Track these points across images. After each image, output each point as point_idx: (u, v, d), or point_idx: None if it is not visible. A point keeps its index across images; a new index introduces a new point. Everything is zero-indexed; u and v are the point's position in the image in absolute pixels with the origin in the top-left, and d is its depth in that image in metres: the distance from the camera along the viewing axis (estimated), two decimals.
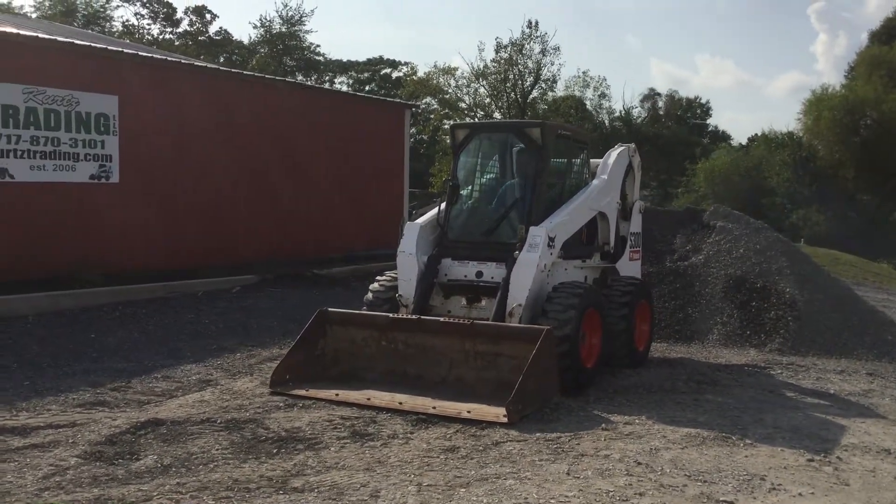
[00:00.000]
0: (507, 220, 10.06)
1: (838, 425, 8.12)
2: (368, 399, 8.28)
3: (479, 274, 9.67)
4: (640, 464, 6.60)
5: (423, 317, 9.13)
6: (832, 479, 6.45)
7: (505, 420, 7.58)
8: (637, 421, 7.91)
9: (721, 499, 5.90)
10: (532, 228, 9.44)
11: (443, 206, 10.30)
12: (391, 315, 9.21)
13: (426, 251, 9.97)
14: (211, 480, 6.05)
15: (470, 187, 10.68)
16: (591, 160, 11.39)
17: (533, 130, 10.20)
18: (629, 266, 11.39)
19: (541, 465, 6.53)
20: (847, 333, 12.37)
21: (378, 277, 10.37)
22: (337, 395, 8.43)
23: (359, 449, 6.92)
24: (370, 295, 10.08)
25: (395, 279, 9.98)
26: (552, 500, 5.78)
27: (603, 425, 7.72)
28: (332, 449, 6.89)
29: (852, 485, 6.37)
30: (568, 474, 6.32)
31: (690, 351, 12.01)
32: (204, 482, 6.01)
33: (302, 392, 8.55)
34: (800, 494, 6.08)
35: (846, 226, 43.97)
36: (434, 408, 7.98)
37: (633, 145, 11.91)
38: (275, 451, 6.80)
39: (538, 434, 7.35)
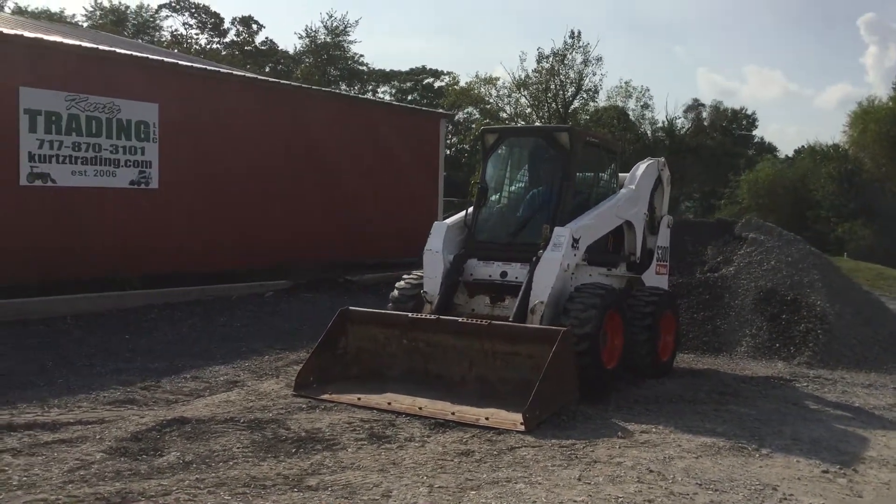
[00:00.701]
0: (534, 223, 10.18)
1: (858, 438, 8.07)
2: (389, 403, 8.42)
3: (504, 274, 9.80)
4: (652, 471, 6.64)
5: (441, 317, 9.26)
6: (845, 491, 6.44)
7: (522, 428, 7.66)
8: (654, 430, 7.94)
9: None
10: (557, 228, 9.57)
11: (471, 208, 10.48)
12: (410, 314, 9.34)
13: (452, 250, 10.14)
14: (229, 477, 6.22)
15: (498, 191, 10.83)
16: (620, 174, 11.47)
17: (561, 135, 10.35)
18: (655, 279, 11.42)
19: (553, 471, 6.60)
20: (877, 348, 12.26)
21: (405, 276, 10.54)
22: (359, 398, 8.58)
23: (375, 451, 7.05)
24: (396, 292, 10.26)
25: (422, 277, 10.15)
26: None
27: (619, 433, 7.76)
28: (350, 450, 7.03)
29: (865, 497, 6.35)
30: (579, 480, 6.39)
31: (717, 363, 11.97)
32: (222, 478, 6.18)
33: (325, 396, 8.72)
34: None
35: (892, 240, 43.22)
36: (453, 413, 8.09)
37: (662, 159, 11.99)
38: (293, 450, 6.96)
39: (553, 440, 7.42)
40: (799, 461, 7.13)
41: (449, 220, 10.53)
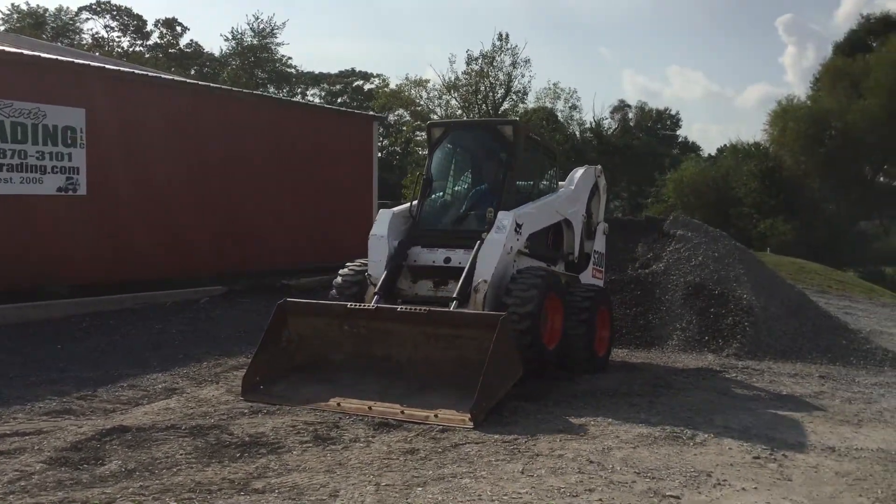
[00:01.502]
0: (478, 212, 10.37)
1: (787, 425, 8.41)
2: (339, 405, 8.46)
3: (448, 259, 9.97)
4: (592, 462, 6.83)
5: (380, 306, 9.33)
6: (776, 475, 6.72)
7: (471, 425, 7.78)
8: (592, 422, 8.15)
9: (667, 494, 6.14)
10: (500, 213, 9.80)
11: (416, 201, 10.62)
12: (348, 304, 9.38)
13: (397, 237, 10.28)
14: (174, 483, 6.19)
15: (444, 182, 11.01)
16: (560, 182, 11.77)
17: (506, 128, 10.66)
18: (591, 282, 11.72)
19: (497, 465, 6.73)
20: (801, 338, 12.74)
21: (348, 263, 10.59)
22: (307, 401, 8.60)
23: (320, 452, 7.08)
24: (339, 279, 10.32)
25: (364, 265, 10.25)
26: (505, 497, 5.98)
27: (559, 427, 7.95)
28: (295, 452, 7.06)
29: (794, 480, 6.63)
30: (522, 473, 6.54)
31: (650, 356, 12.30)
32: (167, 485, 6.15)
33: (273, 400, 8.71)
34: (743, 489, 6.33)
35: (812, 235, 44.75)
36: (402, 412, 8.18)
37: (599, 167, 12.38)
38: (238, 455, 6.95)
39: (496, 436, 7.56)
40: (731, 448, 7.41)
41: (395, 209, 10.66)
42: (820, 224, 46.30)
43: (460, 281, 9.48)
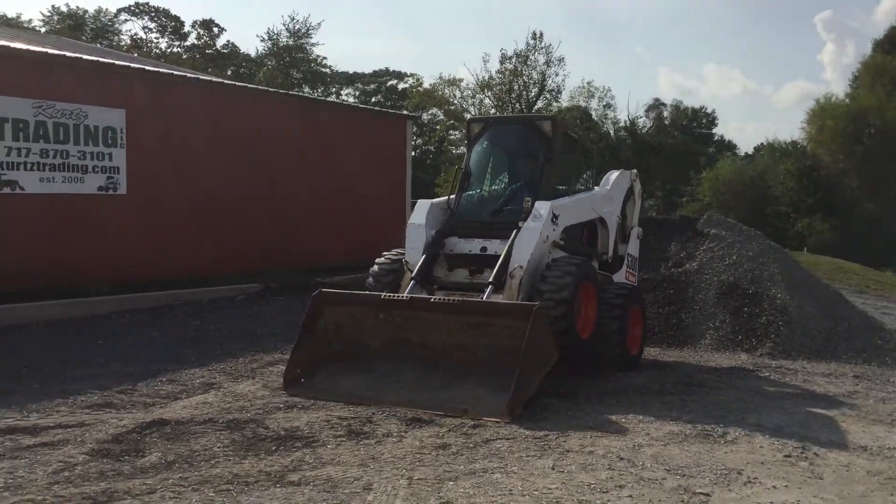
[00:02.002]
0: (515, 203, 10.46)
1: (819, 424, 8.39)
2: (378, 399, 8.60)
3: (484, 248, 10.09)
4: (622, 459, 6.89)
5: (413, 296, 9.47)
6: (807, 473, 6.73)
7: (508, 419, 7.88)
8: (623, 420, 8.20)
9: (697, 491, 6.19)
10: (538, 202, 9.91)
11: (453, 194, 10.74)
12: (382, 295, 9.53)
13: (434, 226, 10.41)
14: (212, 475, 6.36)
15: (481, 176, 11.14)
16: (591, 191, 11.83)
17: (544, 123, 10.82)
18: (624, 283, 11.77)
19: (527, 461, 6.82)
20: (836, 338, 12.66)
21: (385, 252, 10.74)
22: (348, 395, 8.76)
23: (354, 446, 7.21)
24: (375, 267, 10.46)
25: (401, 254, 10.40)
26: (535, 492, 6.07)
27: (590, 423, 8.01)
28: (329, 446, 7.19)
29: (825, 478, 6.64)
30: (552, 469, 6.62)
31: (683, 355, 12.29)
32: (205, 476, 6.32)
33: (314, 394, 8.88)
34: (773, 487, 6.36)
35: (850, 234, 44.21)
36: (440, 408, 8.29)
37: (634, 171, 12.42)
38: (274, 448, 7.11)
39: (527, 432, 7.65)
40: (762, 446, 7.42)
41: (433, 200, 10.80)
42: (858, 223, 45.71)
43: (496, 267, 9.58)
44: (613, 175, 11.88)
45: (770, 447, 7.41)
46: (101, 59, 16.09)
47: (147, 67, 17.63)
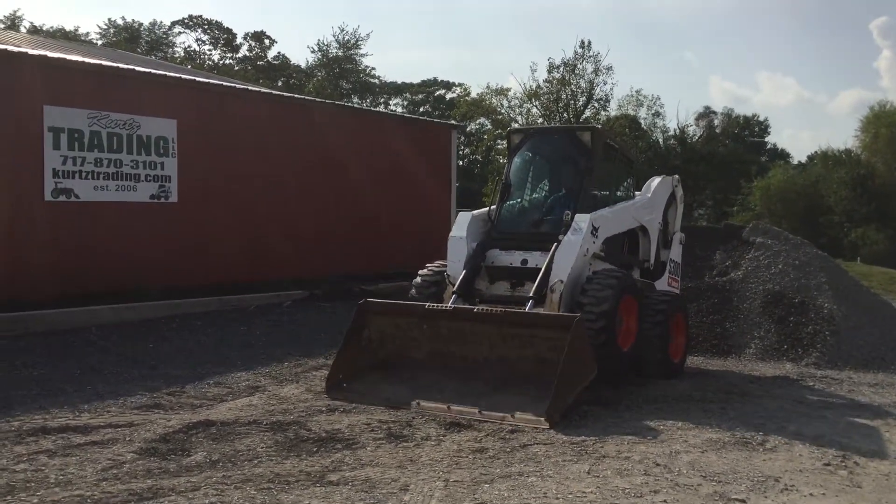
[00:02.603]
0: (555, 215, 10.53)
1: (862, 433, 8.30)
2: (418, 404, 8.74)
3: (525, 261, 10.15)
4: (658, 465, 6.91)
5: (457, 307, 9.60)
6: (845, 482, 6.68)
7: (547, 426, 7.94)
8: (662, 426, 8.20)
9: (733, 497, 6.19)
10: (577, 215, 9.95)
11: (494, 205, 10.85)
12: (427, 305, 9.66)
13: (475, 238, 10.51)
14: (254, 474, 6.53)
15: (522, 187, 11.20)
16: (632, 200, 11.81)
17: (584, 134, 10.83)
18: (666, 290, 11.73)
19: (563, 465, 6.88)
20: (884, 348, 12.47)
21: (428, 264, 10.85)
22: (388, 400, 8.90)
23: (393, 449, 7.35)
24: (418, 279, 10.59)
25: (443, 266, 10.50)
26: (570, 496, 6.13)
27: (628, 430, 8.03)
28: (369, 448, 7.34)
29: (864, 487, 6.59)
30: (588, 473, 6.67)
31: (727, 365, 12.21)
32: (248, 475, 6.50)
33: (355, 398, 9.05)
34: (811, 495, 6.33)
35: None
36: (480, 413, 8.40)
37: (676, 176, 12.40)
38: (315, 449, 7.27)
39: (564, 438, 7.70)
40: (801, 454, 7.38)
41: (474, 212, 10.91)
42: None
43: (536, 281, 9.65)
44: (655, 181, 11.86)
45: (809, 455, 7.36)
46: (153, 71, 16.53)
47: (198, 79, 18.04)
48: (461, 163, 51.84)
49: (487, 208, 10.98)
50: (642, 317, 10.15)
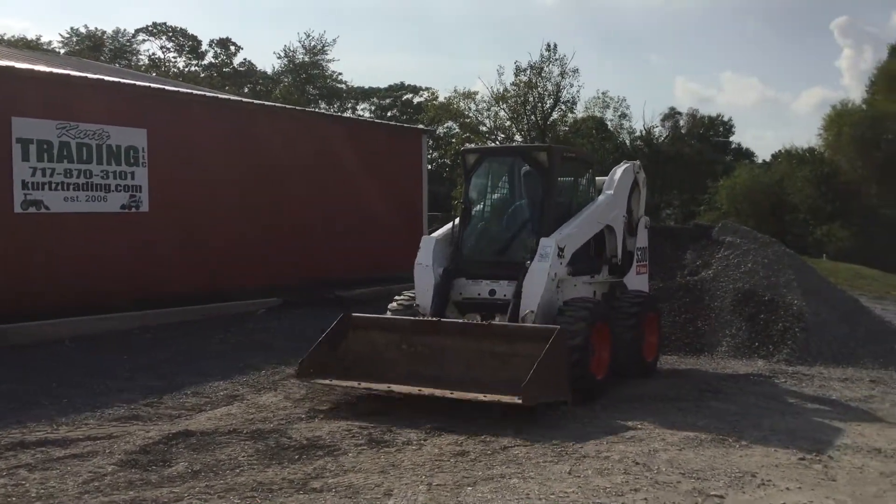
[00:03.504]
0: (518, 240, 10.57)
1: (834, 428, 8.48)
2: (389, 388, 8.81)
3: (493, 292, 10.15)
4: (637, 464, 7.02)
5: (442, 319, 9.68)
6: (820, 476, 6.84)
7: (520, 402, 7.93)
8: (639, 426, 8.33)
9: (712, 493, 6.31)
10: (542, 239, 9.94)
11: (457, 221, 10.85)
12: (412, 318, 9.76)
13: (441, 263, 10.51)
14: (237, 483, 6.55)
15: (482, 209, 11.18)
16: (598, 177, 11.86)
17: (540, 154, 10.75)
18: (637, 280, 11.80)
19: (544, 466, 6.97)
20: (853, 343, 12.71)
21: (396, 297, 10.87)
22: (359, 384, 8.99)
23: (375, 454, 7.39)
24: (388, 313, 10.57)
25: (412, 297, 10.50)
26: (552, 496, 6.21)
27: (606, 430, 8.15)
28: (350, 455, 7.38)
29: (839, 480, 6.75)
30: (569, 474, 6.76)
31: (699, 363, 12.38)
32: (231, 485, 6.51)
33: (326, 381, 9.13)
34: (787, 489, 6.47)
35: (870, 241, 43.99)
36: (452, 393, 8.49)
37: (637, 162, 12.40)
38: (296, 457, 7.30)
39: (544, 439, 7.79)
40: (776, 450, 7.54)
41: (436, 234, 10.89)
42: (878, 230, 45.45)
43: (508, 313, 9.71)
44: (618, 173, 11.76)
45: (784, 451, 7.51)
46: (122, 81, 16.44)
47: (167, 87, 17.96)
48: (430, 166, 51.85)
49: (451, 226, 10.93)
50: (615, 324, 10.22)
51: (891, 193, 46.64)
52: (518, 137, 51.07)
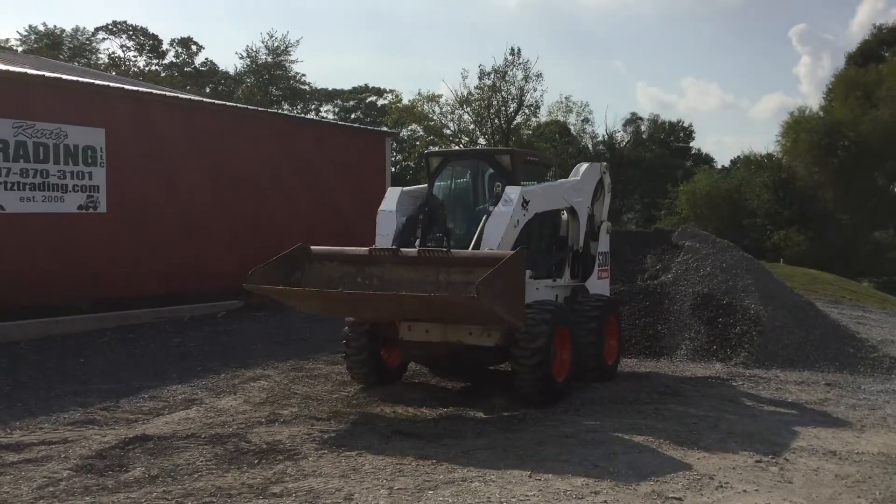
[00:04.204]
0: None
1: (790, 431, 8.60)
2: (341, 290, 8.82)
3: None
4: (597, 466, 7.07)
5: (401, 248, 9.60)
6: (777, 478, 6.93)
7: (474, 296, 7.76)
8: (599, 429, 8.37)
9: (670, 496, 6.37)
10: (508, 187, 9.96)
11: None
12: (369, 248, 9.65)
13: (405, 213, 10.53)
14: (195, 488, 6.48)
15: (443, 213, 11.17)
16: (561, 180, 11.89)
17: (503, 157, 10.78)
18: (598, 284, 11.87)
19: (505, 470, 6.98)
20: (809, 347, 12.89)
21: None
22: (308, 290, 9.00)
23: (335, 458, 7.35)
24: (346, 327, 10.47)
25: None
26: (513, 500, 6.23)
27: (566, 433, 8.18)
28: (311, 459, 7.33)
29: (795, 482, 6.84)
30: (530, 477, 6.78)
31: (659, 366, 12.48)
32: (189, 490, 6.44)
33: (275, 287, 9.13)
34: (744, 491, 6.55)
35: (826, 246, 44.76)
36: (402, 294, 8.51)
37: (604, 164, 12.47)
38: (256, 461, 7.23)
39: (505, 443, 7.81)
40: (734, 453, 7.63)
41: (405, 188, 10.91)
42: (834, 235, 46.27)
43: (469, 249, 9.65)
44: (583, 167, 11.87)
45: (742, 453, 7.61)
46: (80, 79, 16.18)
47: (126, 86, 17.72)
48: (394, 169, 51.76)
49: (422, 187, 11.02)
50: (576, 328, 10.27)
51: (846, 199, 47.52)
52: (482, 141, 51.19)
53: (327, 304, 9.51)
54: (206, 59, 65.18)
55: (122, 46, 61.78)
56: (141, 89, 18.56)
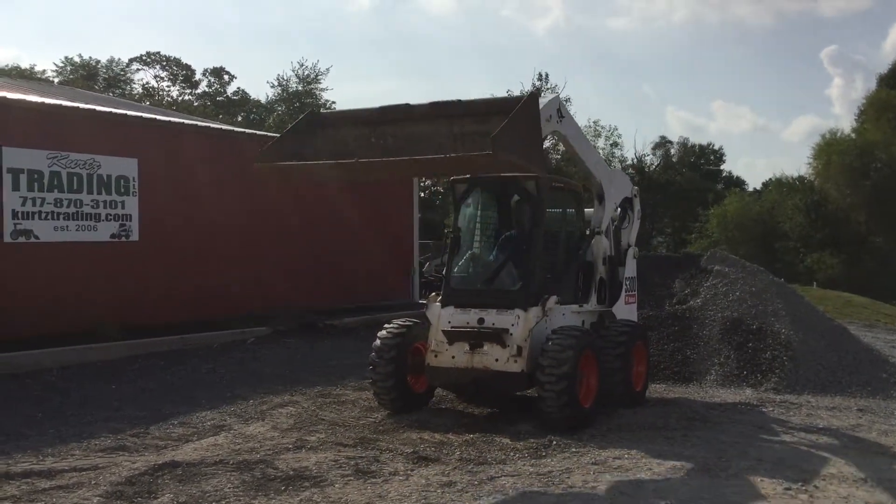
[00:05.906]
0: (507, 269, 10.57)
1: (821, 457, 8.48)
2: (357, 160, 8.73)
3: (481, 321, 10.11)
4: (624, 494, 7.01)
5: (411, 103, 9.45)
6: None
7: (490, 152, 7.55)
8: (626, 455, 8.31)
9: None
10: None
11: (445, 257, 10.89)
12: (381, 106, 9.54)
13: None
14: None
15: (471, 239, 11.22)
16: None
17: (529, 183, 10.76)
18: (625, 310, 11.82)
19: (531, 497, 6.95)
20: (841, 372, 12.73)
21: (386, 325, 10.83)
22: (324, 163, 9.02)
23: (361, 485, 7.37)
24: (378, 341, 10.55)
25: (404, 326, 10.50)
26: None
27: (593, 460, 8.12)
28: (337, 486, 7.35)
29: None
30: None
31: (688, 391, 12.37)
32: None
33: (290, 163, 9.09)
34: None
35: (860, 269, 44.24)
36: (417, 157, 8.45)
37: (636, 188, 12.38)
38: (283, 488, 7.27)
39: (531, 469, 7.78)
40: (763, 479, 7.53)
41: None
42: (867, 257, 45.72)
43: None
44: (617, 173, 12.01)
45: (771, 480, 7.51)
46: (113, 110, 16.53)
47: (158, 117, 18.03)
48: (422, 194, 51.98)
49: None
50: (603, 353, 10.23)
51: (880, 221, 46.99)
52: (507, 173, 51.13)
53: (344, 172, 9.50)
54: (238, 88, 66.21)
55: (155, 77, 62.89)
56: (173, 119, 18.88)
